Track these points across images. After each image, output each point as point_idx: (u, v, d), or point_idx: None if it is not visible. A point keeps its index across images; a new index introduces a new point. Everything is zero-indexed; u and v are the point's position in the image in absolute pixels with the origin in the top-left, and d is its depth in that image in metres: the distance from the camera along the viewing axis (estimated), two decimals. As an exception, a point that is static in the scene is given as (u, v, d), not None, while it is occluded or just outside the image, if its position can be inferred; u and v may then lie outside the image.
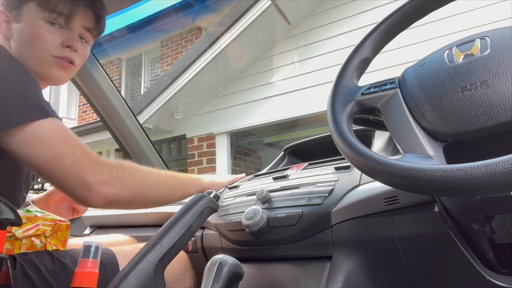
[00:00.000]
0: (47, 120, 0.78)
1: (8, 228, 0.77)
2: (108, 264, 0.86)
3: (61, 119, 0.83)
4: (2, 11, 0.91)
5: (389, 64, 2.81)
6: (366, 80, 0.67)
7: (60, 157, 0.77)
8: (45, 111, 0.79)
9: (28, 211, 0.84)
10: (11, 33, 0.91)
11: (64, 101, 8.43)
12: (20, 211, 0.80)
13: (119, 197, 0.82)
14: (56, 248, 0.85)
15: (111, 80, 1.37)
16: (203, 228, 1.08)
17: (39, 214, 0.84)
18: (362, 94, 0.64)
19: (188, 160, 5.33)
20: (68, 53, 0.92)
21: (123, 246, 0.97)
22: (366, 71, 0.70)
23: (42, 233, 0.83)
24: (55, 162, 0.77)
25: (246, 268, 0.73)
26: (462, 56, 0.56)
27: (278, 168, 1.19)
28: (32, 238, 0.82)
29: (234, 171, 5.20)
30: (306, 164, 1.06)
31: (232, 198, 1.00)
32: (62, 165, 0.77)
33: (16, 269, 0.74)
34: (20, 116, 0.76)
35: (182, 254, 1.05)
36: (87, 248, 0.55)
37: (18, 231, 0.80)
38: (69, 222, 0.88)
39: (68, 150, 0.78)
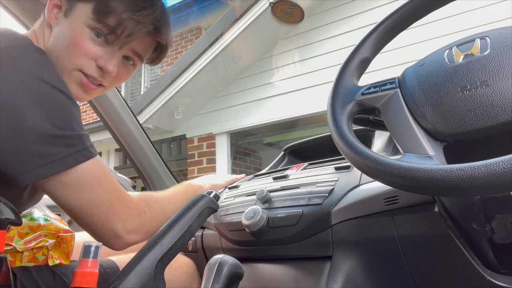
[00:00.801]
0: (88, 162, 0.72)
1: (8, 241, 0.76)
2: (109, 271, 0.85)
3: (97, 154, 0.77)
4: None
5: (389, 64, 2.81)
6: (366, 80, 0.67)
7: (97, 204, 0.74)
8: (89, 152, 0.72)
9: (31, 219, 0.81)
10: (56, 23, 0.79)
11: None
12: (23, 220, 0.78)
13: (142, 240, 0.81)
14: (59, 261, 0.81)
15: (111, 80, 1.36)
16: (203, 228, 1.08)
17: (42, 222, 0.81)
18: (362, 94, 0.64)
19: (188, 160, 5.33)
20: (98, 74, 0.80)
21: (125, 254, 0.96)
22: (366, 71, 0.70)
23: (45, 246, 0.80)
24: (91, 208, 0.73)
25: (246, 268, 0.73)
26: (462, 56, 0.56)
27: (278, 168, 1.20)
28: (34, 251, 0.79)
29: (234, 171, 5.20)
30: (306, 164, 1.06)
31: (232, 198, 1.00)
32: (97, 211, 0.74)
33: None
34: (65, 160, 0.69)
35: (188, 264, 1.03)
36: (87, 248, 0.55)
37: (19, 243, 0.77)
38: (73, 233, 0.85)
39: (105, 196, 0.74)
